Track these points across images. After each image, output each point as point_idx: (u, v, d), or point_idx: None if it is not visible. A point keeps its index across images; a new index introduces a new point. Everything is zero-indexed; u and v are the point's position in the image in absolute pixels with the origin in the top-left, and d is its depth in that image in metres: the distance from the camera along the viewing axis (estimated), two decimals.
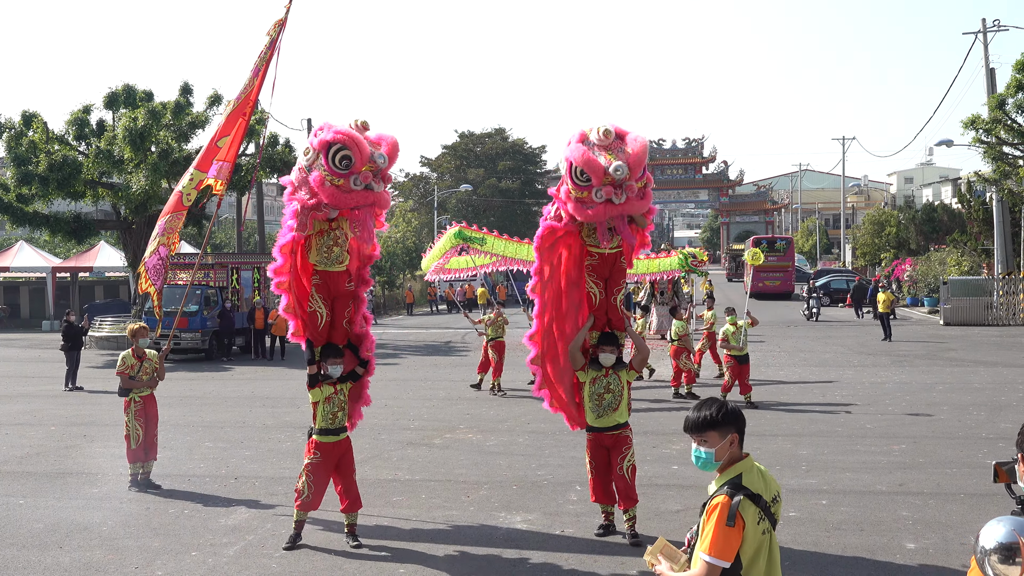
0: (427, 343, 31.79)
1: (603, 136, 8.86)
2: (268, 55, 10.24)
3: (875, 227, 61.54)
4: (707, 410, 4.18)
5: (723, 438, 4.14)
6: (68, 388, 20.70)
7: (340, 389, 9.09)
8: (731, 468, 4.13)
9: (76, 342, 21.30)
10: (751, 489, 4.02)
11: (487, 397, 18.63)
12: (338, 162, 8.51)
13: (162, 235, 10.96)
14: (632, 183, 8.76)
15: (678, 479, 11.29)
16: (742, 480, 4.06)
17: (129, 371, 11.34)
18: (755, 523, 4.00)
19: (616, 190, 8.69)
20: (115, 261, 41.47)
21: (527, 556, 8.54)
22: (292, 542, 8.88)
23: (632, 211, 9.03)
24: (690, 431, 4.21)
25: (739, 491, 4.00)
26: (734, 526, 3.94)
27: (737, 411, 4.21)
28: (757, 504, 4.01)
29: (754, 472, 4.12)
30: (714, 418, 4.15)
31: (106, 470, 12.19)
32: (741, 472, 4.09)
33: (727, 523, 3.94)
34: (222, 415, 16.71)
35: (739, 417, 4.20)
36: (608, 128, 8.92)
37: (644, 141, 8.99)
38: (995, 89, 35.23)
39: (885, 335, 29.03)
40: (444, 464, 12.43)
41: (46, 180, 29.10)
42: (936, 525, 9.24)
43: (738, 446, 4.17)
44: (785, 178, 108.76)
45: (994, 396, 17.45)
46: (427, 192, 73.71)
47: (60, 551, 8.81)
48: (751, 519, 3.99)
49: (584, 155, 8.71)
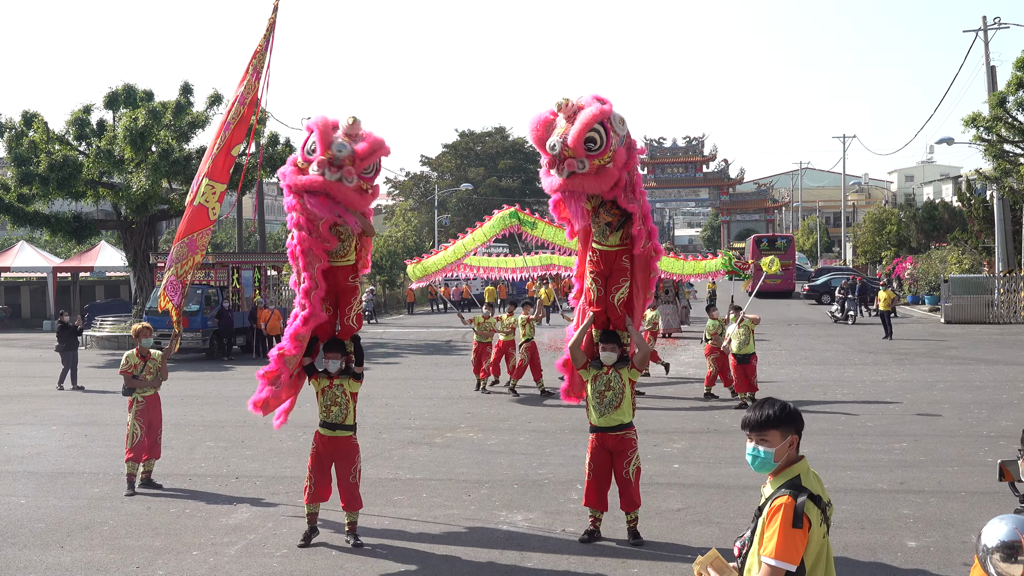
0: (428, 342, 31.79)
1: (564, 107, 8.59)
2: (266, 55, 10.28)
3: (876, 225, 61.55)
4: (769, 409, 4.07)
5: (784, 438, 4.04)
6: (60, 388, 20.74)
7: (337, 384, 9.12)
8: (788, 469, 4.03)
9: (71, 342, 21.25)
10: (811, 491, 3.94)
11: (487, 396, 18.61)
12: (308, 148, 8.90)
13: (187, 256, 10.88)
14: (573, 159, 8.35)
15: (679, 478, 11.28)
16: (801, 481, 3.96)
17: (132, 371, 11.34)
18: (818, 525, 3.92)
19: (559, 164, 8.45)
20: (116, 261, 41.44)
21: (528, 555, 8.54)
22: (306, 538, 8.92)
23: (586, 190, 8.62)
24: (750, 429, 4.09)
25: (802, 492, 3.90)
26: (802, 527, 3.83)
27: (798, 412, 4.11)
28: (818, 506, 3.93)
29: (810, 475, 4.05)
30: (777, 417, 4.05)
31: (107, 470, 12.19)
32: (799, 473, 4.00)
33: (794, 525, 3.83)
34: (223, 414, 16.72)
35: (800, 418, 4.11)
36: (564, 99, 8.57)
37: (592, 113, 8.38)
38: (996, 87, 35.21)
39: (886, 333, 29.03)
40: (445, 463, 12.43)
41: (47, 180, 29.09)
42: (937, 523, 9.24)
43: (796, 448, 4.07)
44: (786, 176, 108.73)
45: (995, 394, 17.44)
46: (427, 191, 73.66)
47: (62, 551, 8.81)
48: (815, 521, 3.90)
49: (536, 132, 8.59)
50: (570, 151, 8.33)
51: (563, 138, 8.33)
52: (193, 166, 30.12)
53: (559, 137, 8.36)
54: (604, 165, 8.48)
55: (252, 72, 10.35)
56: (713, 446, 13.11)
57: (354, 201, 8.89)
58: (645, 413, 15.05)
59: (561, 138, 8.34)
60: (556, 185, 8.69)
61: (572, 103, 8.48)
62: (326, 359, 9.09)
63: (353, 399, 9.19)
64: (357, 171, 8.80)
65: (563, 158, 8.38)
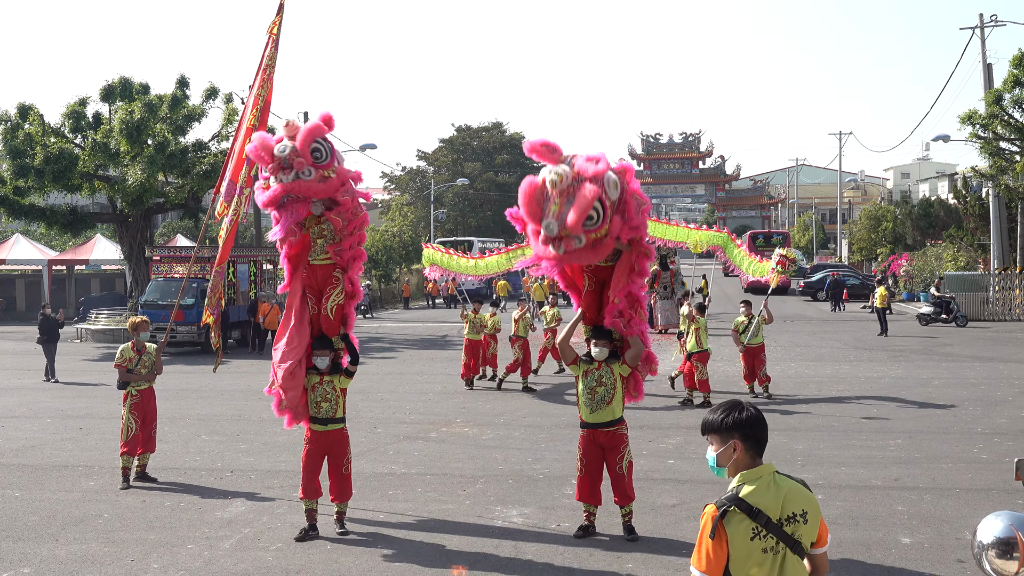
0: (423, 337, 31.78)
1: (558, 184, 7.97)
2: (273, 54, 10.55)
3: (871, 222, 61.65)
4: (713, 413, 3.98)
5: (724, 443, 3.91)
6: (48, 379, 20.79)
7: (327, 380, 9.13)
8: (738, 477, 3.89)
9: (52, 335, 21.33)
10: (749, 502, 3.77)
11: (482, 391, 18.62)
12: (261, 173, 9.22)
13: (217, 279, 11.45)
14: (571, 238, 7.97)
15: (674, 473, 11.30)
16: (740, 492, 3.80)
17: (127, 364, 11.32)
18: (746, 539, 3.74)
19: (556, 243, 8.08)
20: (111, 254, 41.39)
21: (523, 550, 8.54)
22: (304, 534, 8.94)
23: (581, 262, 8.68)
24: (701, 432, 4.05)
25: (732, 503, 3.76)
26: (715, 539, 3.74)
27: (745, 419, 3.91)
28: (755, 519, 3.74)
29: (762, 485, 3.83)
30: (715, 422, 3.94)
31: (102, 463, 12.18)
32: (744, 483, 3.84)
33: (709, 535, 3.75)
34: (218, 408, 16.70)
35: (745, 424, 3.90)
36: (558, 176, 7.91)
37: (591, 193, 7.84)
38: (992, 84, 35.22)
39: (881, 330, 29.08)
40: (440, 458, 12.43)
41: (42, 173, 29.03)
42: (931, 520, 9.26)
43: (744, 454, 3.89)
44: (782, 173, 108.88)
45: (990, 391, 17.48)
46: (424, 186, 73.57)
47: (56, 544, 8.80)
48: (740, 534, 3.74)
49: (528, 205, 8.15)
50: (567, 231, 7.97)
51: (559, 220, 7.92)
52: (189, 160, 30.09)
53: (555, 219, 7.94)
54: (601, 238, 8.28)
55: (267, 72, 10.57)
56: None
57: (319, 191, 8.99)
58: (639, 409, 15.06)
59: (558, 220, 7.92)
60: (550, 256, 8.39)
61: (566, 176, 7.92)
62: (315, 356, 9.14)
63: (343, 394, 9.23)
64: (308, 162, 8.84)
65: (560, 238, 8.04)
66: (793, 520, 3.82)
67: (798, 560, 3.85)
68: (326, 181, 8.98)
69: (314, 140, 8.91)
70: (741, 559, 3.74)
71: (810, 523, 3.88)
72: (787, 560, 3.81)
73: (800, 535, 3.84)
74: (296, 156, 8.76)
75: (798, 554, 3.84)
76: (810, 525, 3.88)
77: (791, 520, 3.82)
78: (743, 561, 3.74)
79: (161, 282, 27.94)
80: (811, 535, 3.90)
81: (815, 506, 3.94)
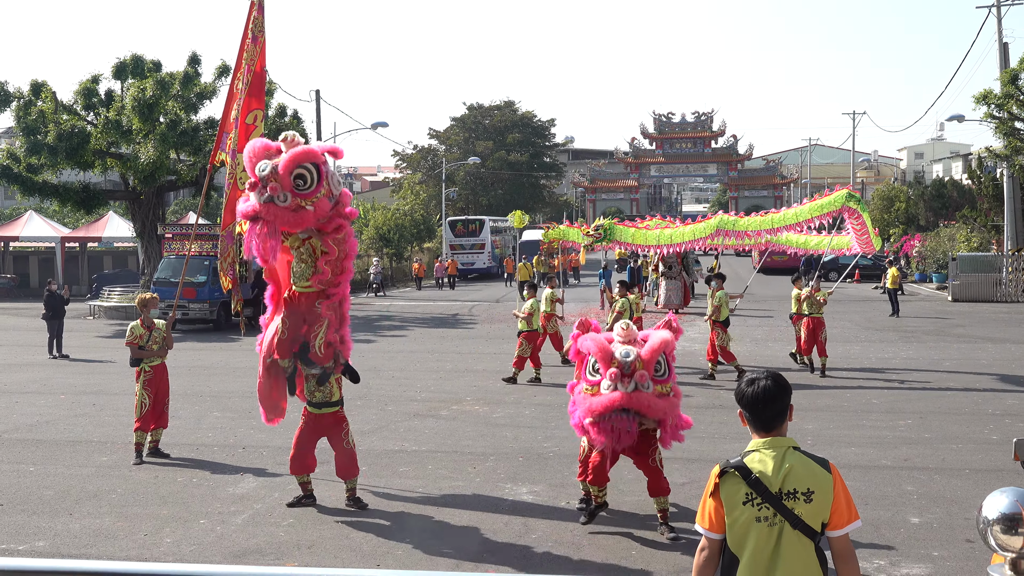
0: (434, 315, 31.82)
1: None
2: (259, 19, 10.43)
3: (884, 203, 61.32)
4: (738, 382, 4.21)
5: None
6: (52, 355, 21.00)
7: None
8: (751, 443, 4.08)
9: (58, 311, 21.51)
10: (749, 467, 3.91)
11: (491, 373, 18.62)
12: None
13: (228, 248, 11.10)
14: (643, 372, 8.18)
15: (684, 452, 11.28)
16: (745, 457, 3.98)
17: (138, 341, 11.39)
18: (738, 502, 3.90)
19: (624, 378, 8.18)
20: (124, 231, 41.50)
21: (532, 527, 8.60)
22: (295, 499, 9.25)
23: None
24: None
25: (732, 466, 3.95)
26: (713, 497, 3.97)
27: (748, 395, 4.04)
28: (750, 484, 3.88)
29: (768, 455, 3.94)
30: (735, 392, 4.20)
31: (115, 439, 12.28)
32: (752, 450, 4.00)
33: (710, 493, 3.99)
34: (230, 385, 16.80)
35: (745, 400, 4.05)
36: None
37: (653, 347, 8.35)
38: (1008, 64, 34.89)
39: (893, 311, 28.97)
40: (451, 436, 12.49)
41: (55, 150, 29.08)
42: (941, 500, 9.27)
43: (750, 425, 4.08)
44: (794, 153, 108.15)
45: (1001, 372, 17.43)
46: (435, 164, 73.49)
47: (70, 518, 8.90)
48: (733, 495, 3.91)
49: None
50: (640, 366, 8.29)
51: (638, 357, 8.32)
52: (201, 137, 30.08)
53: (633, 353, 8.32)
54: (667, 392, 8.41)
55: (251, 38, 10.44)
56: (718, 421, 13.13)
57: (288, 220, 8.43)
58: None
59: (638, 357, 8.31)
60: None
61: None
62: (304, 369, 9.24)
63: (338, 383, 9.35)
64: (285, 187, 8.30)
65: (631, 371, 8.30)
66: (793, 496, 3.87)
67: (799, 537, 3.89)
68: (299, 212, 8.40)
69: (299, 165, 8.36)
70: (734, 521, 3.91)
71: (816, 503, 3.89)
72: (784, 533, 3.88)
73: (800, 512, 3.87)
74: (273, 179, 8.30)
75: (800, 531, 3.88)
76: (815, 505, 3.89)
77: (791, 496, 3.87)
78: (734, 523, 3.91)
79: (173, 260, 28.04)
80: (819, 515, 3.91)
81: (828, 487, 3.93)
